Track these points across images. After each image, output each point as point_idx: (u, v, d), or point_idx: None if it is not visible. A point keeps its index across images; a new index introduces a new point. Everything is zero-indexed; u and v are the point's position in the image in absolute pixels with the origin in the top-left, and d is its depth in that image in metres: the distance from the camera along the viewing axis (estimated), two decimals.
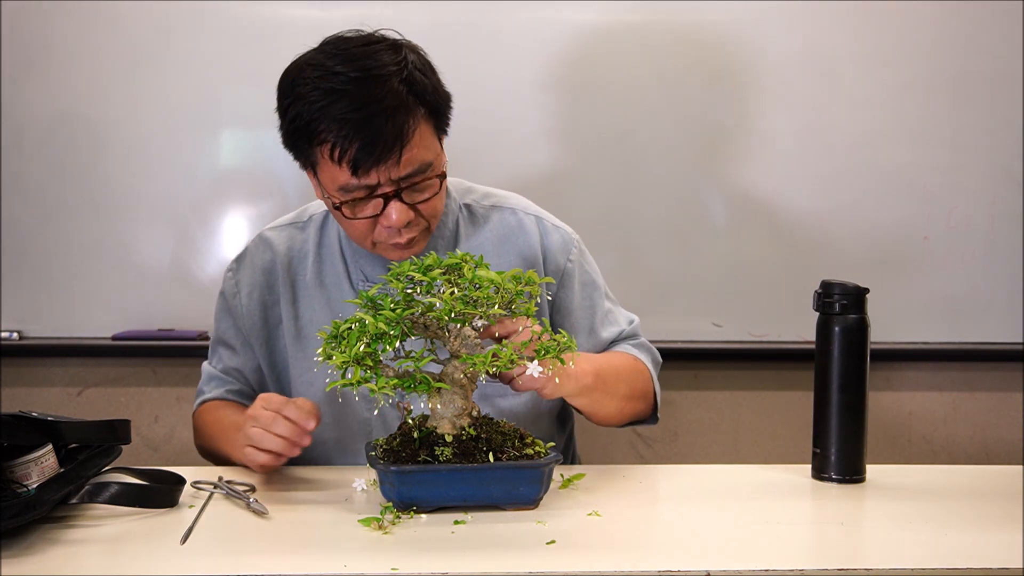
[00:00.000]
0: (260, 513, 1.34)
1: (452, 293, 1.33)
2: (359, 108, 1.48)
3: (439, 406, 1.36)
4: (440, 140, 1.61)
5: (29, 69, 2.41)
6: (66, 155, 2.44)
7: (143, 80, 2.43)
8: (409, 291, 1.36)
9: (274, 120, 2.46)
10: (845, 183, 2.50)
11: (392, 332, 1.30)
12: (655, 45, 2.46)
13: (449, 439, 1.34)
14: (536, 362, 1.36)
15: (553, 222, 1.78)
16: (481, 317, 1.34)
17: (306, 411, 1.45)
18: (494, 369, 1.32)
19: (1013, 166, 2.50)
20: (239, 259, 1.78)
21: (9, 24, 2.39)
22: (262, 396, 1.50)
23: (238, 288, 1.75)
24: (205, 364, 1.82)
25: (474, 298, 1.33)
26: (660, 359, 1.81)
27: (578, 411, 1.69)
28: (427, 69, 1.58)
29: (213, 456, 1.72)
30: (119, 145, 2.44)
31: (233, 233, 2.48)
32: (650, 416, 1.76)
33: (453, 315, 1.32)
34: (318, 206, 1.77)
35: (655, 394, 1.75)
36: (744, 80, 2.48)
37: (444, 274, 1.36)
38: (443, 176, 1.59)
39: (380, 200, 1.54)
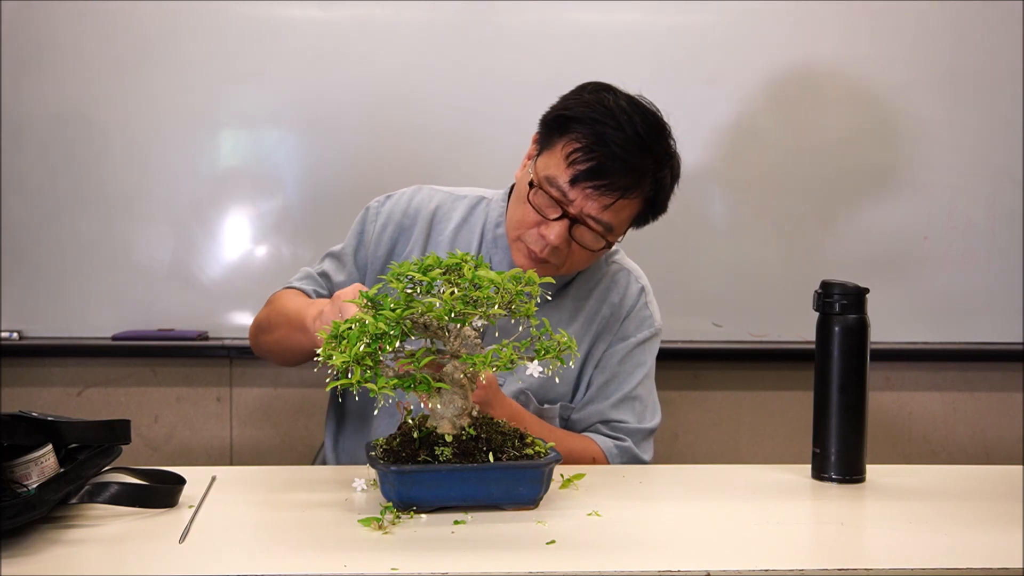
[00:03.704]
0: None
1: (452, 293, 1.33)
2: (620, 146, 1.62)
3: (439, 406, 1.36)
4: (631, 229, 1.76)
5: (29, 69, 2.41)
6: (66, 155, 2.44)
7: (143, 80, 2.43)
8: (409, 291, 1.36)
9: (274, 120, 2.49)
10: (845, 183, 2.50)
11: (392, 332, 1.30)
12: (655, 45, 2.46)
13: (449, 439, 1.34)
14: (536, 362, 1.36)
15: (651, 300, 1.88)
16: (481, 317, 1.34)
17: None
18: (494, 369, 1.32)
19: (1013, 166, 2.50)
20: (391, 195, 1.88)
21: (9, 24, 2.39)
22: (338, 293, 1.53)
23: (378, 217, 1.85)
24: (305, 267, 1.89)
25: (474, 298, 1.33)
26: (644, 463, 1.80)
27: None
28: (675, 178, 1.73)
29: (271, 333, 1.76)
30: (119, 145, 2.45)
31: (233, 233, 2.48)
32: None
33: (453, 315, 1.32)
34: (474, 192, 1.89)
35: None
36: (744, 80, 2.48)
37: (444, 274, 1.36)
38: (609, 245, 1.72)
39: (559, 212, 1.66)
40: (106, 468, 1.43)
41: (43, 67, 2.42)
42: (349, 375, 1.28)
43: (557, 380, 1.69)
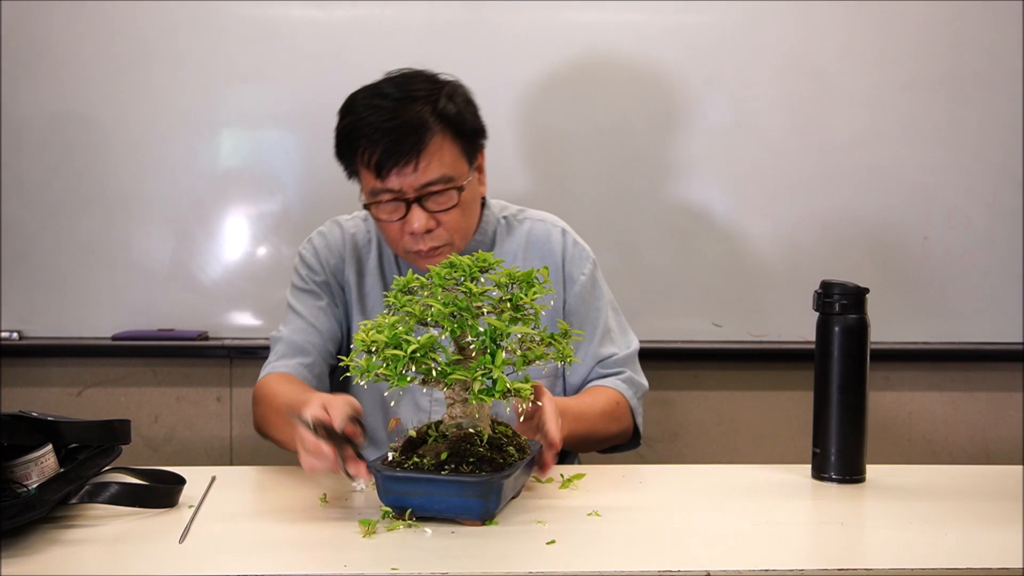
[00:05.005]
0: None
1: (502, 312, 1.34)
2: (390, 119, 1.68)
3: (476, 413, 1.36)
4: (470, 163, 1.76)
5: (29, 69, 2.41)
6: (66, 155, 2.44)
7: (143, 80, 2.43)
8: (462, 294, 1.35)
9: (274, 120, 2.49)
10: (845, 183, 2.50)
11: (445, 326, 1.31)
12: (655, 45, 2.46)
13: (485, 436, 1.33)
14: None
15: (576, 238, 1.91)
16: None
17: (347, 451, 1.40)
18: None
19: (1013, 166, 2.50)
20: (311, 237, 1.92)
21: (9, 24, 2.39)
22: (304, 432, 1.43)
23: (317, 255, 1.89)
24: (275, 333, 1.86)
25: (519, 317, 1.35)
26: (646, 388, 1.87)
27: None
28: (461, 102, 1.76)
29: (269, 427, 1.75)
30: (119, 145, 2.44)
31: (233, 233, 2.48)
32: (631, 442, 1.88)
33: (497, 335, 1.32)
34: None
35: (636, 426, 1.85)
36: (744, 80, 2.48)
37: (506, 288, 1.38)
38: (461, 189, 1.72)
39: (403, 205, 1.71)
40: (106, 468, 1.43)
41: (43, 67, 2.42)
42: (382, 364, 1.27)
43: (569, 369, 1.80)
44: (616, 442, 1.84)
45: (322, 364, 1.82)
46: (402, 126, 1.67)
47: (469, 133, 1.76)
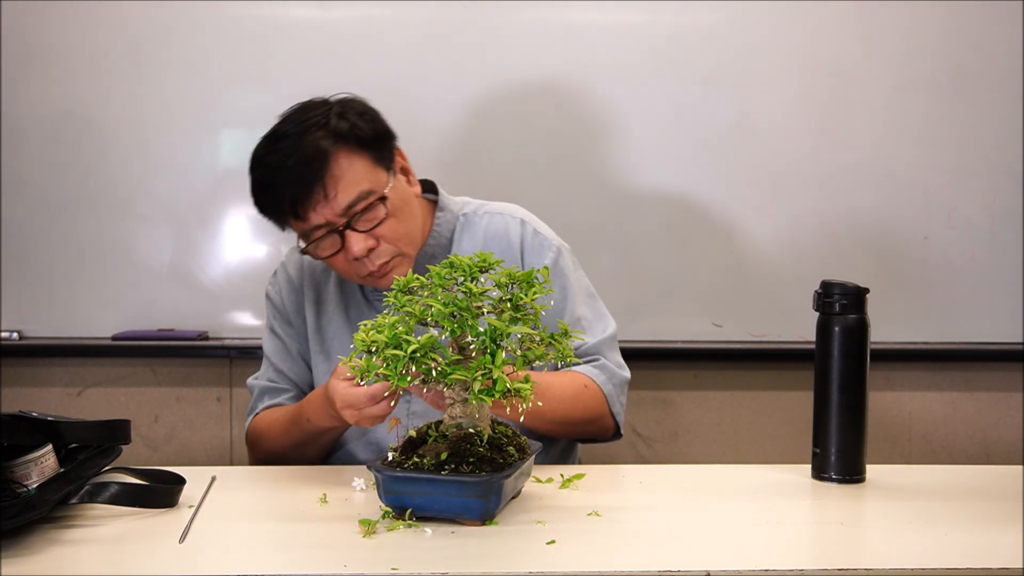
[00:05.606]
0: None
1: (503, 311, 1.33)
2: (289, 157, 1.66)
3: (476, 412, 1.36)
4: (387, 169, 1.72)
5: (29, 69, 2.41)
6: (66, 155, 2.44)
7: (143, 80, 2.43)
8: (462, 295, 1.35)
9: (274, 120, 2.47)
10: (845, 183, 2.50)
11: (446, 326, 1.30)
12: (655, 45, 2.46)
13: (485, 436, 1.33)
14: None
15: (536, 227, 1.85)
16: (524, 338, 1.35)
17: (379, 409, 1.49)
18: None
19: (1013, 166, 2.50)
20: (276, 271, 1.93)
21: (9, 24, 2.39)
22: (342, 401, 1.51)
23: (280, 294, 1.90)
24: (251, 380, 1.89)
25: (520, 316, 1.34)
26: (626, 377, 1.80)
27: None
28: (354, 114, 1.71)
29: (281, 453, 1.77)
30: (119, 145, 2.45)
31: (233, 233, 2.49)
32: (612, 435, 1.81)
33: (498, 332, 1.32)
34: None
35: (613, 414, 1.77)
36: (744, 80, 2.48)
37: (505, 287, 1.36)
38: (384, 199, 1.69)
39: (337, 237, 1.68)
40: (106, 468, 1.43)
41: (43, 67, 2.42)
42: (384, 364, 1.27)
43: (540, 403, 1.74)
44: (591, 429, 1.77)
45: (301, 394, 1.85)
46: (301, 161, 1.65)
47: (372, 141, 1.71)
